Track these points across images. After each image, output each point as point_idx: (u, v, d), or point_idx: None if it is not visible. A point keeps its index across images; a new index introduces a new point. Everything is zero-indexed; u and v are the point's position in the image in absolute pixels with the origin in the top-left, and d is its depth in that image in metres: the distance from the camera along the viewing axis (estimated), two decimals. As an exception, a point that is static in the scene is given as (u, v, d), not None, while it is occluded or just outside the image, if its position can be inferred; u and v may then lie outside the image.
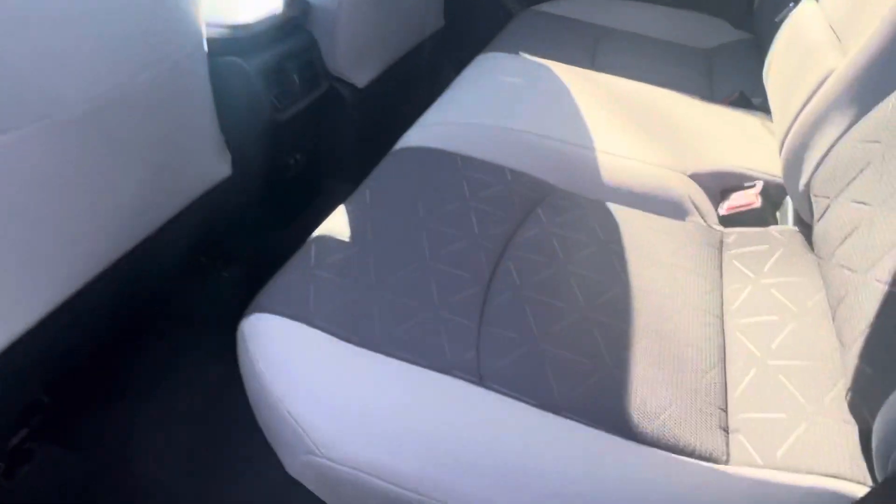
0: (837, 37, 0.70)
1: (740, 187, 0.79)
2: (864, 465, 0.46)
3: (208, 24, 0.96)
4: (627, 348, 0.55)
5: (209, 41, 0.96)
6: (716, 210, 0.78)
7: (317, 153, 1.30)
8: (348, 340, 0.53)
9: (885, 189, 0.52)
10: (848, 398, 0.47)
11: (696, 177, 0.80)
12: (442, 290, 0.59)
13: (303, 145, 1.20)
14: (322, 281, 0.58)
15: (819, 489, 0.44)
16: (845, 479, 0.45)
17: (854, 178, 0.57)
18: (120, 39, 0.72)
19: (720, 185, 0.80)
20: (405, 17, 1.39)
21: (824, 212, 0.60)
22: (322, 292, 0.57)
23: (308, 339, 0.53)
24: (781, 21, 0.98)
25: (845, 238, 0.55)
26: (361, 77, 1.28)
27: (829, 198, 0.60)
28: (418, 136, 0.85)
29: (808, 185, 0.66)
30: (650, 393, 0.52)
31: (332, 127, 1.29)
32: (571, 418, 0.49)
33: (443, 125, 0.88)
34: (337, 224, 0.67)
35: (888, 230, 0.49)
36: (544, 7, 1.44)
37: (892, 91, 0.57)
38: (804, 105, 0.70)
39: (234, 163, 1.04)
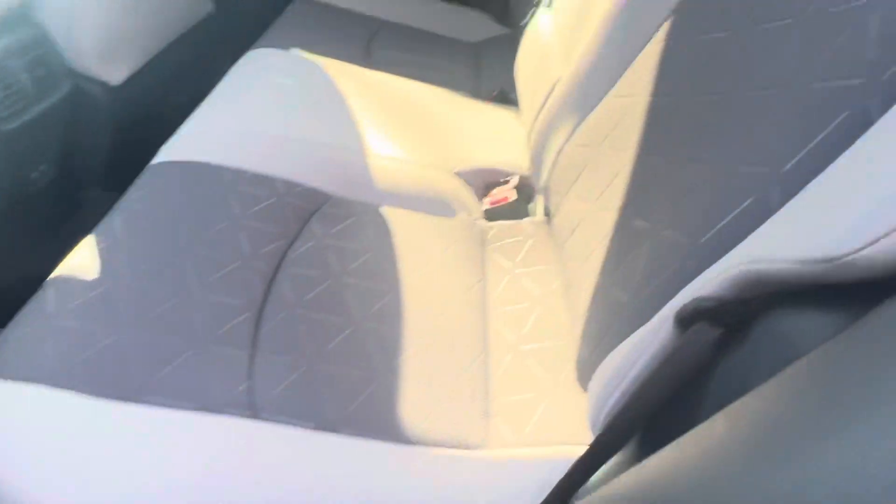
0: (565, 46, 0.80)
1: (500, 182, 0.87)
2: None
3: None
4: (399, 354, 0.59)
5: None
6: (480, 204, 0.85)
7: (69, 162, 1.14)
8: (100, 395, 0.49)
9: (597, 189, 0.61)
10: (577, 369, 0.56)
11: (462, 174, 0.87)
12: (210, 322, 0.57)
13: (48, 155, 1.04)
14: (64, 330, 0.53)
15: (562, 458, 0.52)
16: (584, 444, 0.54)
17: (577, 179, 0.67)
18: None
19: (484, 181, 0.88)
20: (165, 1, 1.27)
21: (558, 207, 0.70)
22: (64, 343, 0.51)
23: (47, 404, 0.47)
24: (526, 25, 1.09)
25: (572, 231, 0.64)
26: (116, 73, 1.14)
27: (560, 195, 0.69)
28: (179, 148, 0.79)
29: (546, 182, 0.75)
30: (420, 394, 0.56)
31: (85, 132, 1.14)
32: (348, 434, 0.51)
33: (207, 134, 0.82)
34: (81, 260, 0.60)
35: (600, 225, 0.58)
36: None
37: (599, 102, 0.67)
38: (539, 111, 0.79)
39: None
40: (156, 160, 0.79)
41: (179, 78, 1.39)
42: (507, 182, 0.86)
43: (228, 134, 0.82)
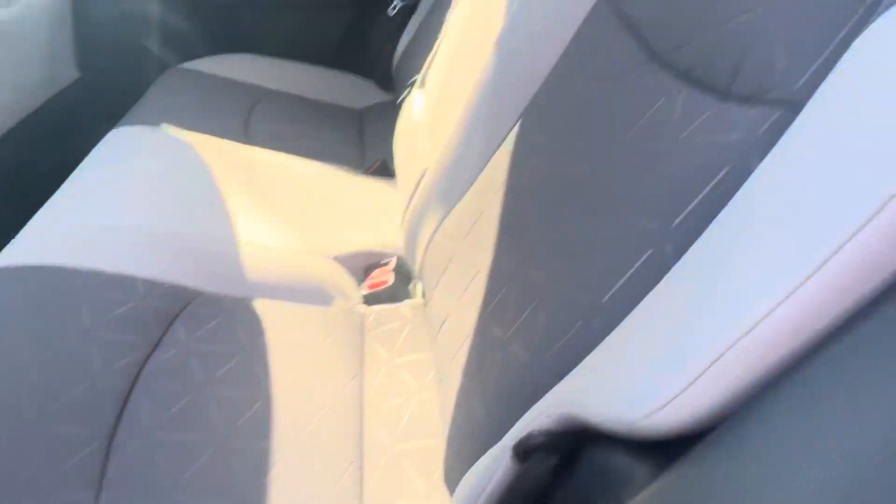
0: (431, 133, 0.82)
1: (380, 264, 0.87)
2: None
3: None
4: (267, 472, 0.57)
5: None
6: (359, 289, 0.85)
7: None
8: None
9: (460, 285, 0.63)
10: (444, 474, 0.56)
11: (340, 259, 0.86)
12: (50, 460, 0.52)
13: None
14: None
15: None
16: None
17: (444, 271, 0.68)
18: None
19: (363, 264, 0.88)
20: (20, 71, 1.18)
21: (430, 297, 0.71)
22: None
23: None
24: (402, 101, 1.12)
25: (441, 325, 0.65)
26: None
27: (431, 285, 0.70)
28: (22, 249, 0.73)
29: (419, 270, 0.76)
30: (288, 516, 0.53)
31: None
32: (206, 575, 0.48)
33: (57, 231, 0.77)
34: None
35: (464, 324, 0.59)
36: (196, 64, 1.38)
37: (463, 195, 0.70)
38: (411, 197, 0.80)
39: None
40: (-3, 265, 0.72)
41: (41, 153, 1.30)
42: (386, 264, 0.87)
43: (81, 230, 0.77)
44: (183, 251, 0.79)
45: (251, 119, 1.22)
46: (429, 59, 1.04)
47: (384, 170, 1.11)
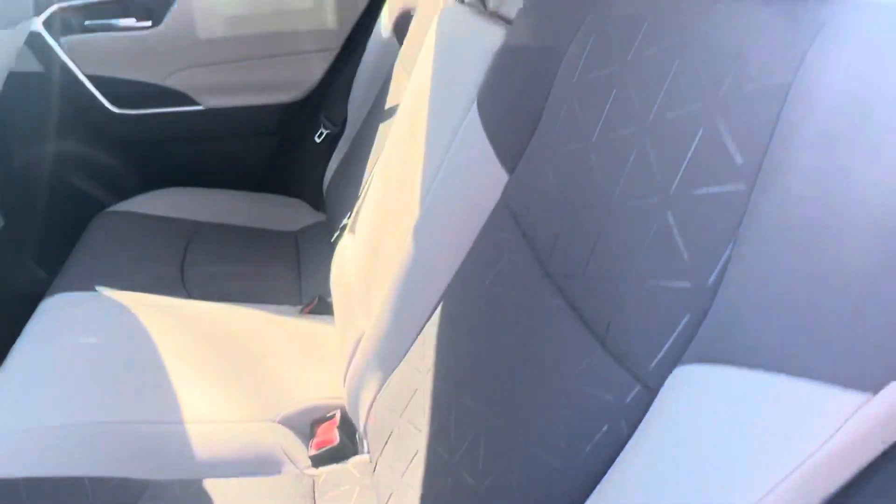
0: (365, 296, 0.88)
1: (325, 418, 0.91)
2: None
3: None
4: None
5: None
6: (307, 450, 0.88)
7: None
8: None
9: (401, 462, 0.68)
10: None
11: (286, 420, 0.89)
12: None
13: None
14: None
15: None
16: None
17: (385, 443, 0.73)
18: None
19: (309, 420, 0.91)
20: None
21: (374, 465, 0.75)
22: None
23: None
24: (336, 242, 1.18)
25: (388, 498, 0.69)
26: None
27: (375, 454, 0.75)
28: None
29: (362, 434, 0.80)
30: None
31: None
32: None
33: (3, 438, 0.77)
34: None
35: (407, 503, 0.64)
36: (127, 205, 1.40)
37: (397, 365, 0.75)
38: (350, 360, 0.86)
39: None
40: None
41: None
42: (332, 417, 0.90)
43: (24, 434, 0.77)
44: (128, 441, 0.80)
45: (186, 261, 1.25)
46: (356, 205, 1.11)
47: (322, 306, 1.16)
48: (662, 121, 0.43)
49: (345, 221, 1.15)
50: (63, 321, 1.00)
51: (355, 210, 1.11)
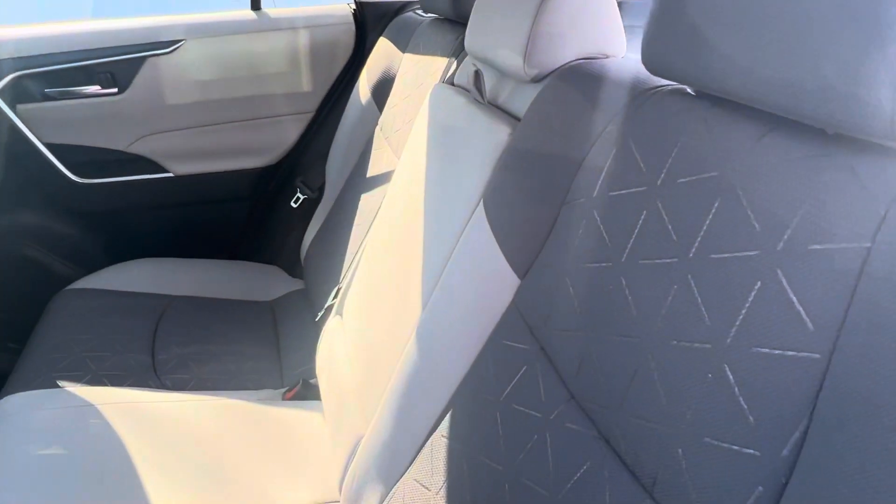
0: (360, 399, 0.82)
1: (317, 528, 0.84)
2: None
3: None
4: None
5: None
6: (299, 566, 0.81)
7: None
8: None
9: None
10: None
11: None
12: None
13: None
14: None
15: None
16: None
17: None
18: None
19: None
20: None
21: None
22: None
23: None
24: (320, 321, 1.12)
25: None
26: None
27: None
28: None
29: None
30: None
31: None
32: None
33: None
34: None
35: None
36: (90, 281, 1.31)
37: (402, 475, 0.70)
38: (347, 464, 0.80)
39: None
40: None
41: None
42: (323, 527, 0.84)
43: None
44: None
45: (157, 345, 1.17)
46: (341, 284, 1.06)
47: (306, 390, 1.10)
48: (706, 261, 0.40)
49: (330, 302, 1.10)
50: (24, 429, 0.90)
51: (341, 291, 1.06)
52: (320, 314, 1.12)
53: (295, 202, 1.47)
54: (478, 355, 0.65)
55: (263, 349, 1.24)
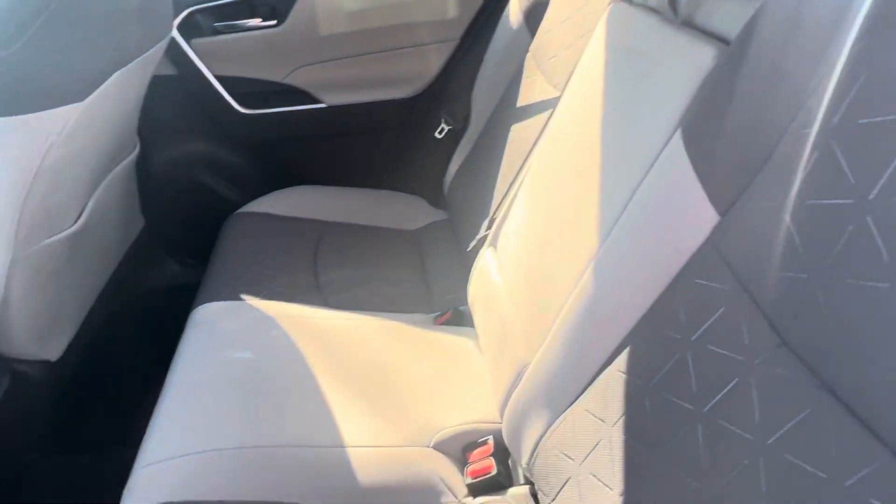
0: (524, 326, 0.83)
1: (476, 443, 0.89)
2: None
3: None
4: None
5: None
6: (463, 477, 0.86)
7: (7, 439, 1.07)
8: None
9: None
10: None
11: (438, 446, 0.87)
12: None
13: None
14: None
15: None
16: None
17: (561, 489, 0.69)
18: None
19: (461, 445, 0.89)
20: (94, 251, 1.23)
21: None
22: None
23: None
24: (471, 251, 1.14)
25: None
26: (53, 348, 1.10)
27: (546, 497, 0.72)
28: (141, 488, 0.76)
29: (527, 472, 0.77)
30: None
31: (25, 411, 1.08)
32: None
33: (168, 462, 0.79)
34: None
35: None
36: (257, 205, 1.43)
37: (570, 405, 0.71)
38: (510, 391, 0.82)
39: None
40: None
41: (120, 313, 1.35)
42: (484, 443, 0.88)
43: (190, 460, 0.79)
44: (289, 465, 0.81)
45: (318, 266, 1.26)
46: (499, 218, 1.07)
47: (457, 318, 1.14)
48: None
49: (483, 233, 1.11)
50: (215, 334, 1.02)
51: (496, 223, 1.06)
52: (472, 244, 1.14)
53: (439, 133, 1.47)
54: (662, 292, 0.62)
55: (412, 276, 1.29)
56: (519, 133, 1.18)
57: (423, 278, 1.29)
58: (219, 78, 1.47)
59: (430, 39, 1.49)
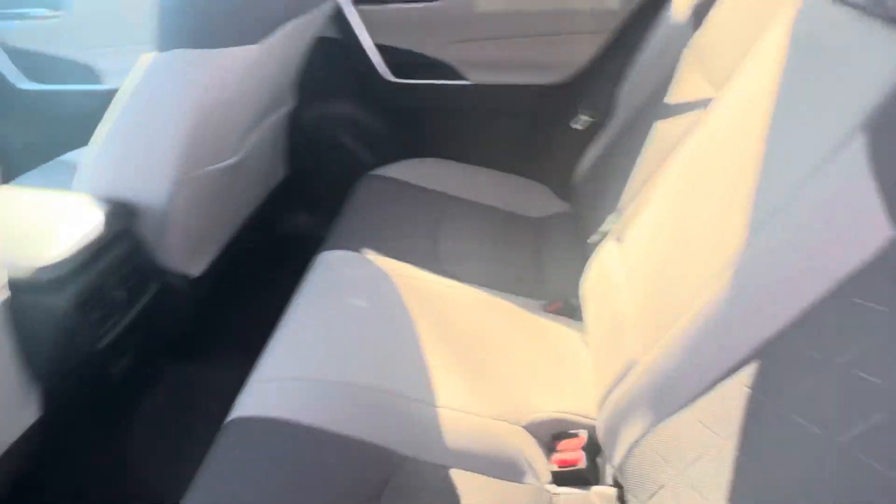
0: (641, 322, 0.80)
1: (567, 433, 0.87)
2: None
3: (9, 264, 0.86)
4: None
5: (12, 283, 0.86)
6: (548, 464, 0.84)
7: (150, 347, 1.20)
8: None
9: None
10: None
11: (530, 428, 0.87)
12: None
13: (130, 349, 1.11)
14: None
15: None
16: None
17: (651, 496, 0.66)
18: None
19: (551, 431, 0.88)
20: (244, 186, 1.36)
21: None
22: None
23: None
24: (594, 244, 1.11)
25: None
26: (197, 265, 1.22)
27: (637, 499, 0.68)
28: (253, 400, 0.82)
29: (618, 472, 0.74)
30: None
31: (166, 319, 1.20)
32: None
33: (280, 382, 0.85)
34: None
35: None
36: (388, 170, 1.49)
37: (677, 412, 0.67)
38: (611, 388, 0.79)
39: (49, 398, 0.94)
40: (233, 415, 0.82)
41: (254, 246, 1.47)
42: (575, 435, 0.86)
43: (300, 384, 0.85)
44: (386, 411, 0.84)
45: (439, 236, 1.28)
46: (629, 213, 1.03)
47: (567, 310, 1.11)
48: None
49: (608, 226, 1.08)
50: (336, 279, 1.08)
51: (624, 217, 1.02)
52: (596, 238, 1.10)
53: (576, 123, 1.44)
54: (808, 307, 0.57)
55: (527, 262, 1.28)
56: (664, 130, 1.13)
57: (538, 266, 1.28)
58: (376, 45, 1.54)
59: (585, 28, 1.46)
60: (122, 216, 1.01)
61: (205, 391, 1.16)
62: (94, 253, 0.94)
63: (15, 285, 0.84)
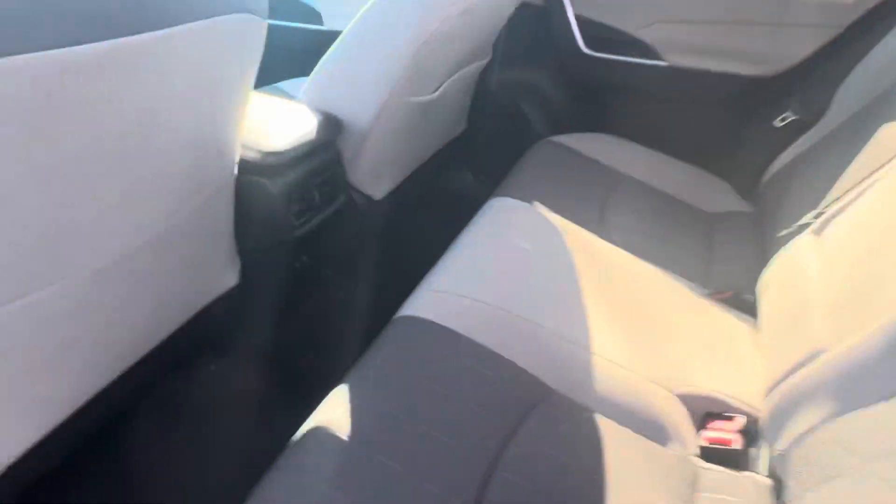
0: (835, 310, 0.74)
1: (722, 415, 0.83)
2: None
3: (242, 146, 0.99)
4: None
5: (241, 164, 0.98)
6: (697, 437, 0.81)
7: (324, 253, 1.32)
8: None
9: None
10: None
11: (683, 398, 0.84)
12: None
13: (312, 249, 1.23)
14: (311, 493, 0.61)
15: None
16: None
17: (818, 485, 0.61)
18: (168, 185, 0.74)
19: (704, 408, 0.84)
20: (432, 127, 1.43)
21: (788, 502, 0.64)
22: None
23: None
24: (783, 239, 1.04)
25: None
26: (379, 189, 1.31)
27: (795, 492, 0.64)
28: (423, 304, 0.88)
29: (780, 462, 0.70)
30: None
31: (343, 234, 1.32)
32: None
33: (448, 295, 0.90)
34: (328, 417, 0.70)
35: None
36: (564, 139, 1.49)
37: (864, 407, 0.62)
38: (788, 373, 0.74)
39: (244, 272, 1.07)
40: (402, 312, 0.89)
41: (428, 192, 1.55)
42: (730, 419, 0.82)
43: (466, 301, 0.89)
44: (542, 344, 0.86)
45: (607, 207, 1.27)
46: (831, 207, 0.95)
47: (737, 302, 1.05)
48: None
49: (807, 220, 1.00)
50: (503, 221, 1.12)
51: (826, 214, 0.95)
52: (790, 231, 1.03)
53: (781, 121, 1.35)
54: None
55: (696, 250, 1.23)
56: (888, 133, 1.02)
57: (708, 257, 1.22)
58: (578, 17, 1.55)
59: (812, 21, 1.35)
60: (332, 127, 1.12)
61: (360, 303, 1.26)
62: (305, 153, 1.06)
63: (243, 166, 0.97)
